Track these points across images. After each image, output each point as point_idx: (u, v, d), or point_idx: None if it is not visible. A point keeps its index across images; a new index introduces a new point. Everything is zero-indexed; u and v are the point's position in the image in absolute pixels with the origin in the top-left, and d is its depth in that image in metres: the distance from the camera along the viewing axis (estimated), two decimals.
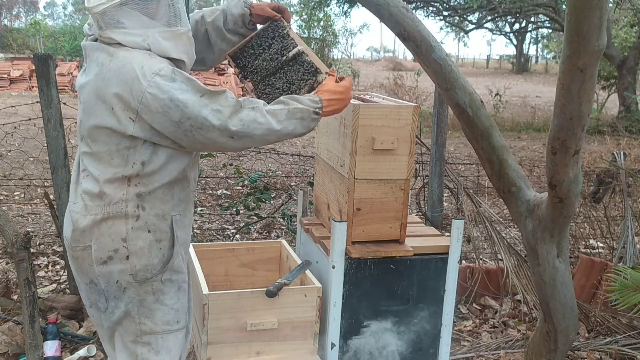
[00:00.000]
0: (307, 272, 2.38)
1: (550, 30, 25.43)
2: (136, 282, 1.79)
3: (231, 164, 6.49)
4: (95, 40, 1.78)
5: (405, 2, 1.67)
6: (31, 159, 6.54)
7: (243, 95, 2.12)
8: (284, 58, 2.05)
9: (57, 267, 4.04)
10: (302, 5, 20.03)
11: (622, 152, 4.30)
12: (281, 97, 1.85)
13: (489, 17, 16.94)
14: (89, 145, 1.79)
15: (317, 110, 1.85)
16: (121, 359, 1.88)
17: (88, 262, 1.79)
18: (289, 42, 2.08)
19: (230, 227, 4.86)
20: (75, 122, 1.91)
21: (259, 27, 2.13)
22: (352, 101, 2.29)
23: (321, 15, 19.69)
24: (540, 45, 44.19)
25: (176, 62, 1.78)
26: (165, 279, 1.83)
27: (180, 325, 1.89)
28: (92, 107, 1.73)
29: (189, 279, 1.97)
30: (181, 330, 1.90)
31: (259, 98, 2.01)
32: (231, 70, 16.49)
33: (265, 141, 1.83)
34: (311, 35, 20.38)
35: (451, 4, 16.30)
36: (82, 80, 1.79)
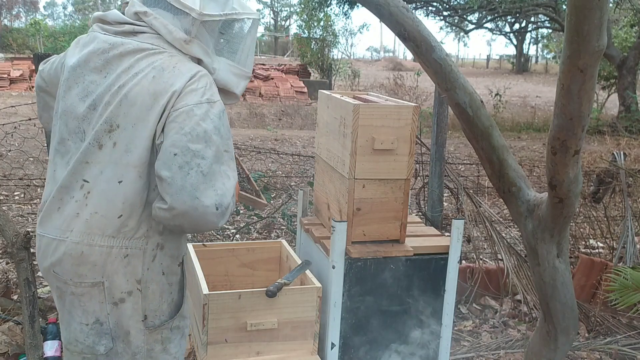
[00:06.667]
0: (307, 272, 2.38)
1: (550, 30, 25.43)
2: (147, 329, 1.61)
3: None
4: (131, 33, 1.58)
5: (405, 2, 1.67)
6: (31, 159, 6.54)
7: None
8: None
9: None
10: (303, 6, 20.02)
11: (622, 152, 4.30)
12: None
13: (489, 17, 16.93)
14: (110, 153, 1.51)
15: None
16: None
17: (98, 299, 1.55)
18: None
19: (230, 227, 4.85)
20: None
21: None
22: (352, 101, 2.29)
23: (321, 15, 19.68)
24: (540, 45, 44.18)
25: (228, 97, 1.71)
26: (174, 327, 1.67)
27: None
28: (141, 111, 1.50)
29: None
30: None
31: None
32: None
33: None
34: (311, 35, 20.37)
35: (451, 4, 16.28)
36: (122, 79, 1.53)
